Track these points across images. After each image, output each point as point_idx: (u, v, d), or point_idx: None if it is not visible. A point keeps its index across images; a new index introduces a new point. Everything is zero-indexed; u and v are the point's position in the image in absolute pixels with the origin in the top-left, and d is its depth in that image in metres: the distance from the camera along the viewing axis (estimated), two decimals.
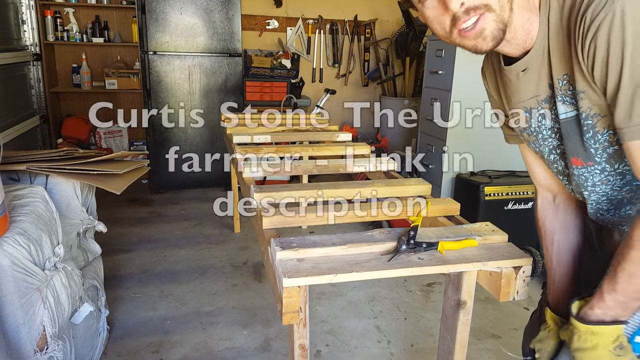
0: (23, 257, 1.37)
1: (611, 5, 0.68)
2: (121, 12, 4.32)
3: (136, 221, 3.42)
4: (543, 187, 1.06)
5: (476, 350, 2.08)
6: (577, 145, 0.85)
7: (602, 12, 0.69)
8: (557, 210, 1.05)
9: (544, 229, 1.07)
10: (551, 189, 1.05)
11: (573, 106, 0.82)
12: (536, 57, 0.83)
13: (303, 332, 1.13)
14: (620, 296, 0.79)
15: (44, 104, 3.99)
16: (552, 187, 1.04)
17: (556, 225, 1.05)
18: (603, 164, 0.85)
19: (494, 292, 1.20)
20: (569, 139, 0.86)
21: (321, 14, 4.72)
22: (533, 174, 1.06)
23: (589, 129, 0.81)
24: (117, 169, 1.85)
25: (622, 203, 0.89)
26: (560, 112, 0.85)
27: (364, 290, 2.55)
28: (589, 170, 0.87)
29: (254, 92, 4.14)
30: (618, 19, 0.68)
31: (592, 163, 0.86)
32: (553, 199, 1.06)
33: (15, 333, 1.39)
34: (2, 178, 1.44)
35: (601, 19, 0.69)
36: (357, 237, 1.20)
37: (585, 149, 0.84)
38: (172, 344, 2.07)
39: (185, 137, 3.91)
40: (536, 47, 0.83)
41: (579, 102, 0.79)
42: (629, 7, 0.68)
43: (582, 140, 0.83)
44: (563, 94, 0.82)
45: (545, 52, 0.82)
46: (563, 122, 0.85)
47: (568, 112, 0.83)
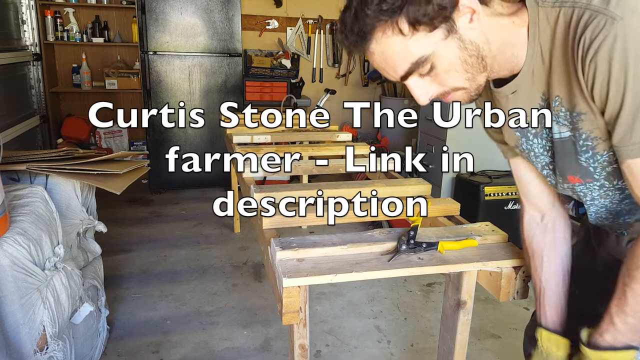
0: (23, 257, 1.37)
1: (611, 26, 0.68)
2: (121, 12, 4.32)
3: (136, 221, 3.42)
4: (532, 206, 1.04)
5: (476, 350, 2.08)
6: (573, 164, 0.85)
7: (602, 34, 0.68)
8: (546, 230, 1.03)
9: (532, 249, 1.05)
10: (540, 208, 1.03)
11: (567, 127, 0.81)
12: (525, 79, 0.83)
13: (303, 332, 1.13)
14: (630, 318, 0.78)
15: (44, 104, 3.99)
16: (541, 206, 1.03)
17: (545, 245, 1.03)
18: (602, 181, 0.84)
19: (494, 292, 1.20)
20: (562, 157, 0.86)
21: (321, 14, 4.71)
22: (523, 190, 1.04)
23: (588, 149, 0.81)
24: (117, 169, 1.85)
25: (622, 214, 0.90)
26: (554, 132, 0.84)
27: (364, 290, 2.55)
28: (587, 186, 0.87)
29: (254, 92, 4.14)
30: (619, 40, 0.67)
31: (591, 180, 0.85)
32: (541, 218, 1.04)
33: (15, 333, 1.39)
34: (2, 178, 1.44)
35: (601, 40, 0.69)
36: (357, 237, 1.20)
37: (583, 168, 0.84)
38: (172, 344, 2.07)
39: (185, 137, 3.91)
40: (525, 70, 0.82)
41: (579, 123, 0.79)
42: (629, 28, 0.67)
43: (578, 159, 0.83)
44: (556, 115, 0.82)
45: (536, 73, 0.82)
46: (557, 141, 0.85)
47: (562, 132, 0.83)
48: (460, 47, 0.77)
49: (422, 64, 0.77)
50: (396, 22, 0.73)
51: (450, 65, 0.78)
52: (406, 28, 0.74)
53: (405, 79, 0.80)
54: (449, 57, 0.77)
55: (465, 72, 0.79)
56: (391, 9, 0.72)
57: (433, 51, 0.76)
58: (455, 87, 0.81)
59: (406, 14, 0.72)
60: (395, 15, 0.73)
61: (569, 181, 0.88)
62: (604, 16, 0.69)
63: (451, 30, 0.75)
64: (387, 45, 0.76)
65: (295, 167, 1.95)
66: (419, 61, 0.77)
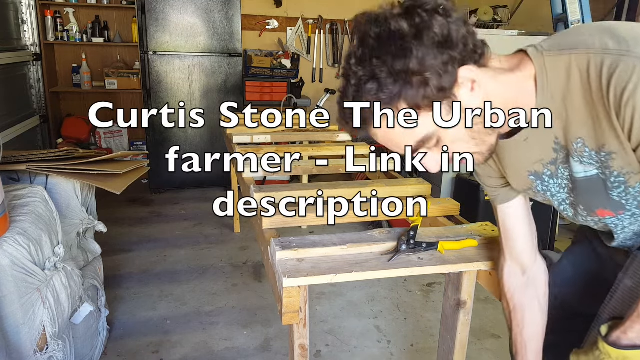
0: (23, 257, 1.37)
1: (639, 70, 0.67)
2: (121, 12, 4.32)
3: (136, 221, 3.42)
4: (514, 260, 1.03)
5: (476, 350, 2.08)
6: (603, 199, 0.84)
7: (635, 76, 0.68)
8: (527, 285, 1.02)
9: (513, 303, 1.04)
10: (523, 263, 1.03)
11: (592, 166, 0.81)
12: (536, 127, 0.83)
13: (303, 332, 1.13)
14: None
15: (44, 104, 3.99)
16: (524, 261, 1.02)
17: (526, 301, 1.02)
18: (633, 210, 0.84)
19: (494, 292, 1.20)
20: (589, 194, 0.85)
21: (321, 14, 4.71)
22: (509, 244, 1.03)
23: (621, 184, 0.80)
24: (117, 169, 1.85)
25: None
26: (578, 171, 0.83)
27: (364, 290, 2.55)
28: (619, 218, 0.86)
29: (254, 92, 4.14)
30: None
31: (623, 212, 0.85)
32: (522, 273, 1.03)
33: (15, 333, 1.39)
34: (2, 178, 1.44)
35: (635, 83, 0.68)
36: (357, 237, 1.20)
37: (615, 202, 0.83)
38: (172, 344, 2.07)
39: (185, 137, 3.91)
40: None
41: (609, 162, 0.78)
42: None
43: (610, 195, 0.83)
44: (579, 155, 0.81)
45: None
46: (581, 180, 0.84)
47: (588, 171, 0.82)
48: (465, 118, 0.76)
49: (428, 141, 0.77)
50: (396, 107, 0.73)
51: (456, 137, 0.78)
52: None
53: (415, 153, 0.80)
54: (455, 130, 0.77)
55: (472, 140, 0.79)
56: (389, 97, 0.72)
57: (437, 128, 0.76)
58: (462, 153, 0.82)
59: (405, 99, 0.72)
60: (394, 101, 0.72)
61: (598, 215, 0.88)
62: (628, 58, 0.68)
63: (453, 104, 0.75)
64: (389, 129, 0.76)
65: (295, 167, 1.95)
66: (424, 139, 0.77)
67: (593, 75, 0.72)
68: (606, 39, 0.71)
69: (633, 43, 0.69)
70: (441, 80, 0.71)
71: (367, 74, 0.72)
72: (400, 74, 0.70)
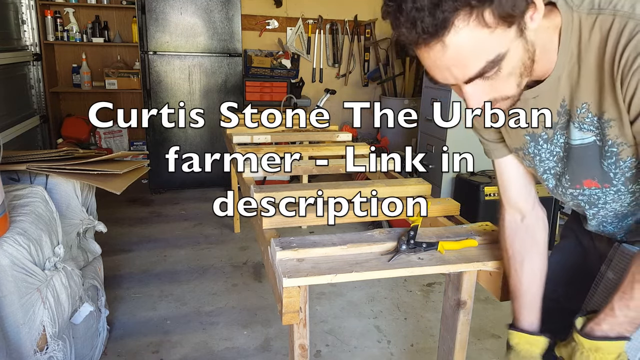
0: (23, 257, 1.37)
1: None
2: (121, 12, 4.32)
3: (136, 221, 3.42)
4: (513, 207, 1.04)
5: (476, 350, 2.08)
6: (594, 168, 0.84)
7: None
8: (527, 231, 1.03)
9: (513, 249, 1.04)
10: (521, 210, 1.03)
11: (591, 132, 0.81)
12: (551, 85, 0.81)
13: (303, 332, 1.13)
14: (632, 312, 0.78)
15: (44, 104, 3.99)
16: (522, 208, 1.03)
17: (526, 246, 1.02)
18: (619, 186, 0.84)
19: (494, 292, 1.20)
20: (580, 162, 0.85)
21: (321, 14, 4.71)
22: (506, 192, 1.03)
23: (612, 155, 0.80)
24: (117, 169, 1.85)
25: (626, 216, 0.90)
26: (575, 138, 0.83)
27: (364, 290, 2.55)
28: (603, 191, 0.87)
29: (254, 92, 4.14)
30: None
31: (609, 185, 0.85)
32: (521, 219, 1.03)
33: (15, 333, 1.39)
34: (2, 178, 1.44)
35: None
36: (357, 237, 1.20)
37: (604, 173, 0.83)
38: (172, 344, 2.07)
39: (185, 137, 3.91)
40: (553, 76, 0.80)
41: (606, 129, 0.78)
42: None
43: (602, 163, 0.82)
44: (580, 121, 0.81)
45: (561, 80, 0.80)
46: (576, 147, 0.84)
47: (585, 138, 0.82)
48: (525, 48, 0.72)
49: (497, 63, 0.70)
50: (482, 11, 0.65)
51: (514, 68, 0.73)
52: (491, 19, 0.66)
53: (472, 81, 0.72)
54: (516, 59, 0.72)
55: (520, 77, 0.75)
56: None
57: (507, 50, 0.70)
58: (506, 95, 0.76)
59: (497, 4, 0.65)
60: (484, 3, 0.65)
61: (584, 185, 0.88)
62: None
63: (522, 29, 0.70)
64: (467, 37, 0.67)
65: (295, 167, 1.95)
66: (495, 59, 0.70)
67: (612, 36, 0.71)
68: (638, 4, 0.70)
69: None
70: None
71: None
72: None
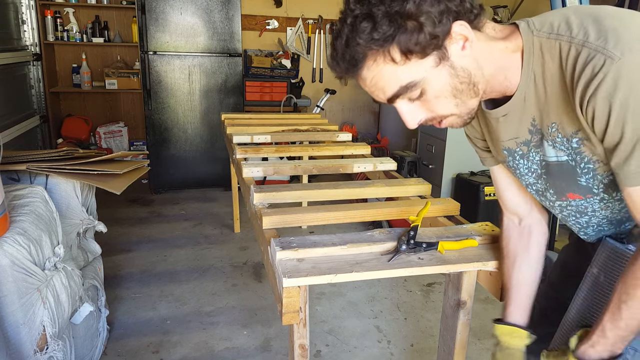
0: (23, 257, 1.37)
1: (610, 65, 0.68)
2: (121, 12, 4.32)
3: (136, 221, 3.42)
4: (510, 211, 1.07)
5: (476, 350, 2.08)
6: (572, 184, 0.86)
7: (601, 73, 0.68)
8: (522, 233, 1.06)
9: (507, 250, 1.08)
10: (518, 213, 1.06)
11: (564, 153, 0.83)
12: (517, 104, 0.84)
13: (303, 332, 1.13)
14: (622, 332, 0.79)
15: (44, 104, 3.99)
16: (519, 212, 1.06)
17: (519, 248, 1.06)
18: (602, 194, 0.85)
19: (494, 292, 1.20)
20: (559, 178, 0.87)
21: (321, 14, 4.71)
22: (502, 198, 1.07)
23: (590, 171, 0.82)
24: (117, 169, 1.85)
25: (622, 222, 0.91)
26: (550, 155, 0.85)
27: (364, 290, 2.55)
28: (588, 201, 0.88)
29: (254, 92, 4.14)
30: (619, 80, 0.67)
31: (591, 195, 0.86)
32: (519, 222, 1.07)
33: (15, 333, 1.39)
34: (2, 178, 1.44)
35: (600, 79, 0.68)
36: (357, 237, 1.20)
37: (584, 187, 0.85)
38: (172, 344, 2.07)
39: (185, 137, 3.91)
40: (517, 95, 0.83)
41: (581, 147, 0.79)
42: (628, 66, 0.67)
43: (578, 180, 0.84)
44: (553, 140, 0.83)
45: (528, 99, 0.83)
46: (552, 164, 0.86)
47: (560, 156, 0.84)
48: (452, 74, 0.77)
49: (412, 89, 0.77)
50: (388, 50, 0.73)
51: (440, 92, 0.79)
52: (398, 56, 0.74)
53: (393, 102, 0.80)
54: (440, 84, 0.78)
55: (454, 98, 0.80)
56: (383, 38, 0.72)
57: (423, 77, 0.76)
58: (444, 114, 0.82)
59: (398, 43, 0.72)
60: (387, 44, 0.73)
61: (569, 198, 0.90)
62: (602, 55, 0.69)
63: (443, 58, 0.76)
64: (378, 72, 0.76)
65: (295, 167, 1.95)
66: (408, 86, 0.77)
67: (570, 64, 0.74)
68: (590, 29, 0.72)
69: (612, 38, 0.69)
70: (435, 28, 0.72)
71: (363, 12, 0.72)
72: (396, 16, 0.71)
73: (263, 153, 2.22)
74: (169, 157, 3.89)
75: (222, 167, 3.97)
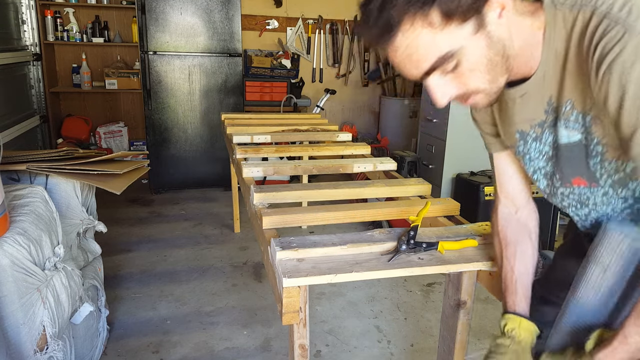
0: (23, 257, 1.37)
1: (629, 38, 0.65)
2: (121, 12, 4.32)
3: (136, 221, 3.42)
4: (508, 200, 1.05)
5: (476, 350, 2.08)
6: (581, 167, 0.84)
7: (618, 45, 0.66)
8: (519, 222, 1.05)
9: (506, 239, 1.05)
10: (516, 203, 1.04)
11: (577, 131, 0.81)
12: (537, 82, 0.82)
13: (303, 332, 1.13)
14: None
15: (44, 104, 3.99)
16: (518, 201, 1.04)
17: (519, 237, 1.04)
18: (607, 188, 0.84)
19: (494, 292, 1.20)
20: (569, 161, 0.85)
21: (321, 14, 4.71)
22: (503, 185, 1.05)
23: (598, 154, 0.80)
24: (117, 169, 1.85)
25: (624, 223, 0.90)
26: (562, 136, 0.83)
27: (364, 290, 2.55)
28: (592, 190, 0.86)
29: (254, 92, 4.14)
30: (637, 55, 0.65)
31: (596, 185, 0.85)
32: (515, 211, 1.05)
33: (15, 333, 1.39)
34: (2, 178, 1.44)
35: (617, 53, 0.66)
36: (357, 237, 1.20)
37: (591, 172, 0.83)
38: (172, 344, 2.07)
39: (185, 137, 3.91)
40: (538, 73, 0.81)
41: (592, 127, 0.78)
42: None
43: (588, 162, 0.82)
44: (566, 119, 0.81)
45: (547, 77, 0.80)
46: (563, 146, 0.84)
47: (571, 136, 0.82)
48: (488, 44, 0.74)
49: (449, 60, 0.73)
50: (427, 13, 0.69)
51: (475, 64, 0.74)
52: (437, 20, 0.69)
53: (427, 77, 0.75)
54: (476, 55, 0.74)
55: (488, 73, 0.76)
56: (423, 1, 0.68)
57: (461, 46, 0.72)
58: (476, 89, 0.78)
59: (439, 4, 0.68)
60: (426, 6, 0.68)
61: (573, 184, 0.88)
62: (622, 27, 0.67)
63: (481, 25, 0.72)
64: (414, 38, 0.71)
65: (295, 167, 1.95)
66: (446, 56, 0.72)
67: (588, 35, 0.72)
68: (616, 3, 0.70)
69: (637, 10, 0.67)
70: None
71: None
72: None
73: (263, 153, 2.22)
74: (169, 157, 3.89)
75: (222, 167, 3.97)
